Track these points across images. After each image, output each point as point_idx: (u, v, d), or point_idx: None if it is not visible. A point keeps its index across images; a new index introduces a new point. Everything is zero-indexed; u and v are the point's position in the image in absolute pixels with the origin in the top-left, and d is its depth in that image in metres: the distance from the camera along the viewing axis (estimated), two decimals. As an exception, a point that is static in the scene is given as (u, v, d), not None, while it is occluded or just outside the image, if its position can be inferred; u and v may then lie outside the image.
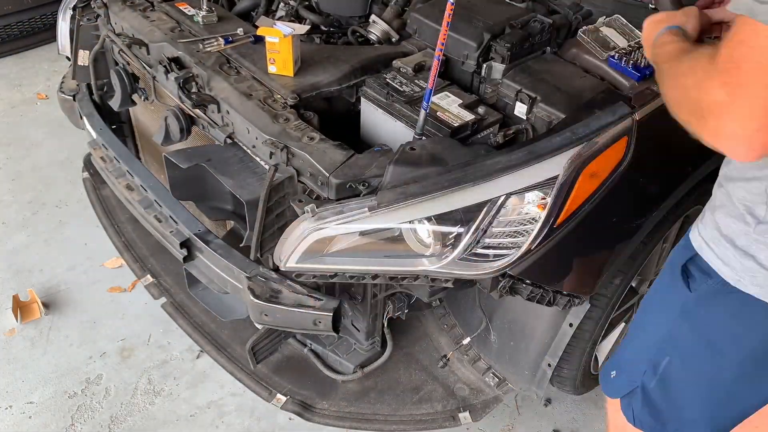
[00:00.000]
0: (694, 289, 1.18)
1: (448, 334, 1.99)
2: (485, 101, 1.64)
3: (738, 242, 1.10)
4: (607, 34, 1.63)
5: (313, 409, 1.84)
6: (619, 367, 1.40)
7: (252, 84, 1.65)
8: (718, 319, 1.17)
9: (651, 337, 1.30)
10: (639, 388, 1.32)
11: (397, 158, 1.36)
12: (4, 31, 3.90)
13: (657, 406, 1.31)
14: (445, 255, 1.38)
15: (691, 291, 1.18)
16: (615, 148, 1.41)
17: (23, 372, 2.22)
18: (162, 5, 2.00)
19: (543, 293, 1.53)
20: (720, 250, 1.13)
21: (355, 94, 1.70)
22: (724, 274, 1.12)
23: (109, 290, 2.52)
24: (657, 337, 1.28)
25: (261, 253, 1.54)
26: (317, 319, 1.50)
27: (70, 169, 3.11)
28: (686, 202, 1.74)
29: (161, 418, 2.10)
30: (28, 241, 2.72)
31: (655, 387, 1.29)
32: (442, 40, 1.34)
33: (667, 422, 1.32)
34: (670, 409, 1.30)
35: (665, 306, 1.27)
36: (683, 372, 1.25)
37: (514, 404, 2.17)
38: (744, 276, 1.10)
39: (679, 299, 1.21)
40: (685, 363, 1.24)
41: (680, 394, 1.27)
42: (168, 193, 1.74)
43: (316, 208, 1.37)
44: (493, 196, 1.34)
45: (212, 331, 1.99)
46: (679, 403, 1.29)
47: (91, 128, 2.05)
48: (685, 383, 1.26)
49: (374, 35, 1.89)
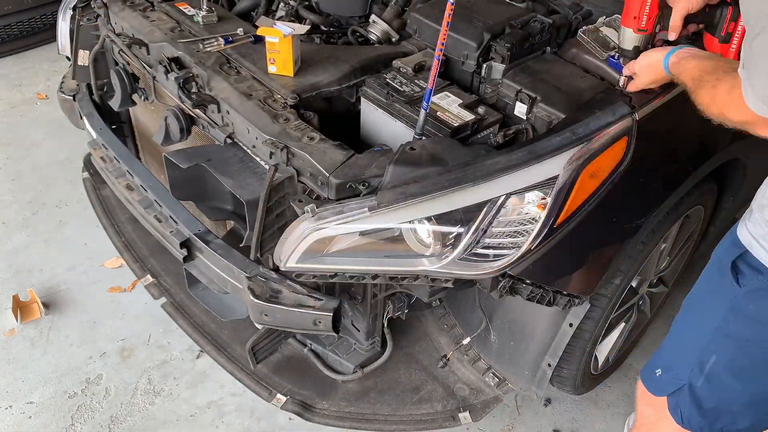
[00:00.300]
0: (744, 285, 1.20)
1: (448, 334, 1.99)
2: (485, 101, 1.64)
3: None
4: (607, 34, 1.63)
5: (313, 409, 1.84)
6: (664, 365, 1.41)
7: (252, 84, 1.65)
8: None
9: (697, 335, 1.31)
10: (686, 387, 1.33)
11: (397, 158, 1.36)
12: (4, 31, 3.90)
13: (704, 405, 1.32)
14: (445, 255, 1.38)
15: (741, 287, 1.21)
16: (615, 148, 1.41)
17: (23, 372, 2.22)
18: (162, 5, 2.00)
19: (543, 293, 1.53)
20: None
21: (355, 94, 1.70)
22: None
23: (109, 290, 2.52)
24: (703, 334, 1.29)
25: (261, 253, 1.54)
26: (317, 319, 1.50)
27: (70, 169, 3.11)
28: (686, 202, 1.74)
29: (161, 418, 2.10)
30: (28, 241, 2.72)
31: (703, 385, 1.30)
32: (442, 40, 1.34)
33: (715, 421, 1.33)
34: (718, 407, 1.31)
35: (712, 303, 1.28)
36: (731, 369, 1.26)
37: (514, 404, 2.17)
38: None
39: (727, 296, 1.23)
40: (734, 359, 1.26)
41: (727, 392, 1.29)
42: (168, 193, 1.74)
43: (316, 208, 1.37)
44: (493, 196, 1.34)
45: (212, 331, 1.99)
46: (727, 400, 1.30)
47: (91, 128, 2.05)
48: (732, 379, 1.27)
49: (374, 35, 1.90)
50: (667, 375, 1.39)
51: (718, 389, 1.30)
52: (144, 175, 1.83)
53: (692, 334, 1.34)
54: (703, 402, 1.32)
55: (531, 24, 1.69)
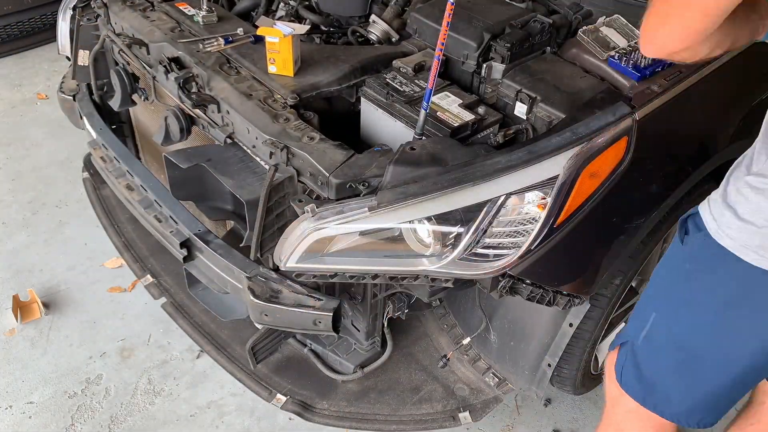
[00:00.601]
0: (686, 243, 1.23)
1: (448, 334, 1.99)
2: (485, 101, 1.64)
3: (729, 198, 1.15)
4: (607, 34, 1.63)
5: (313, 409, 1.84)
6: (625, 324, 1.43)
7: (252, 84, 1.65)
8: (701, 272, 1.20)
9: (646, 292, 1.34)
10: (629, 343, 1.34)
11: (397, 158, 1.36)
12: (4, 31, 3.90)
13: (641, 368, 1.31)
14: (445, 255, 1.38)
15: (683, 245, 1.23)
16: (615, 148, 1.41)
17: (23, 372, 2.22)
18: (162, 5, 2.00)
19: (543, 293, 1.53)
20: (714, 206, 1.18)
21: (355, 94, 1.70)
22: (709, 228, 1.17)
23: (109, 290, 2.52)
24: (650, 292, 1.32)
25: (261, 253, 1.54)
26: (317, 319, 1.50)
27: (70, 169, 3.11)
28: (686, 202, 1.74)
29: (161, 418, 2.10)
30: (28, 241, 2.72)
31: (642, 344, 1.31)
32: (442, 40, 1.34)
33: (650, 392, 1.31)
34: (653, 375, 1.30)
35: (663, 262, 1.32)
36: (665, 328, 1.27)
37: (514, 404, 2.17)
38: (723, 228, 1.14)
39: (674, 255, 1.27)
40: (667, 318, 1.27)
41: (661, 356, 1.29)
42: (168, 193, 1.74)
43: (316, 208, 1.37)
44: (493, 196, 1.34)
45: (212, 331, 1.99)
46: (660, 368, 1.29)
47: (91, 128, 2.05)
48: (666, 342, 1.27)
49: (374, 35, 1.90)
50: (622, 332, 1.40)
51: (655, 352, 1.29)
52: (144, 175, 1.83)
53: (645, 292, 1.36)
54: (641, 364, 1.31)
55: (531, 24, 1.69)
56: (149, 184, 1.79)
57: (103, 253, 2.63)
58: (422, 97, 1.42)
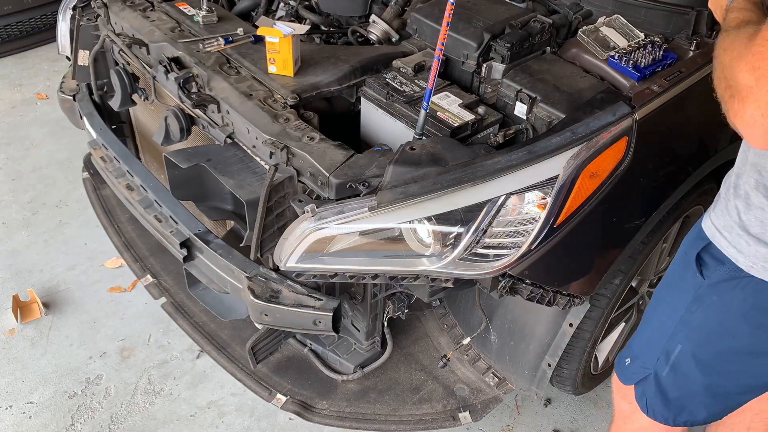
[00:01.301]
0: (707, 276, 1.21)
1: (448, 334, 1.99)
2: (485, 101, 1.64)
3: (752, 230, 1.13)
4: (607, 34, 1.63)
5: (313, 409, 1.84)
6: (633, 354, 1.42)
7: (252, 84, 1.65)
8: (730, 304, 1.20)
9: (663, 325, 1.32)
10: (652, 376, 1.34)
11: (397, 158, 1.36)
12: (4, 31, 3.90)
13: (668, 395, 1.33)
14: (445, 255, 1.38)
15: (705, 278, 1.22)
16: (615, 148, 1.41)
17: (23, 372, 2.22)
18: (162, 5, 2.00)
19: (543, 293, 1.53)
20: (733, 238, 1.16)
21: (355, 94, 1.70)
22: (738, 261, 1.15)
23: (109, 290, 2.52)
24: (669, 325, 1.30)
25: (261, 253, 1.54)
26: (317, 319, 1.50)
27: (70, 169, 3.11)
28: (686, 202, 1.74)
29: (161, 418, 2.10)
30: (28, 241, 2.72)
31: (668, 375, 1.31)
32: (442, 40, 1.34)
33: (679, 413, 1.34)
34: (681, 397, 1.32)
35: (678, 294, 1.29)
36: (694, 359, 1.27)
37: (514, 404, 2.17)
38: (757, 262, 1.13)
39: (692, 287, 1.24)
40: (697, 349, 1.27)
41: (690, 382, 1.30)
42: (168, 193, 1.74)
43: (316, 208, 1.37)
44: (493, 196, 1.34)
45: (212, 331, 1.99)
46: (689, 391, 1.31)
47: (91, 128, 2.05)
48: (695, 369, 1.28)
49: (374, 35, 1.90)
50: (635, 364, 1.40)
51: (682, 379, 1.30)
52: (144, 175, 1.83)
53: (660, 324, 1.35)
54: (668, 391, 1.33)
55: (531, 24, 1.69)
56: (149, 184, 1.79)
57: (103, 253, 2.63)
58: (422, 97, 1.42)
